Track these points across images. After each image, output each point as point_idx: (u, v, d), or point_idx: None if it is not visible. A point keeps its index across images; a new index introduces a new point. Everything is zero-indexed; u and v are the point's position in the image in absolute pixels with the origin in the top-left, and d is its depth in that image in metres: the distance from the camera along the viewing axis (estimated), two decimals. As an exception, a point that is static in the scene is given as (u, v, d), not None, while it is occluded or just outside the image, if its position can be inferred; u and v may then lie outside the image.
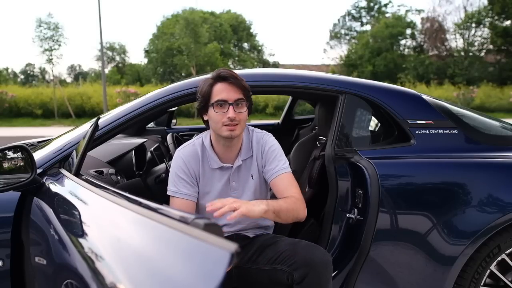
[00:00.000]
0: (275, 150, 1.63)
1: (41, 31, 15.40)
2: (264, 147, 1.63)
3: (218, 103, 1.49)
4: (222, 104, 1.49)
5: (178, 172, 1.57)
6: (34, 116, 14.97)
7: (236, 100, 1.49)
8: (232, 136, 1.51)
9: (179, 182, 1.56)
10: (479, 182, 1.74)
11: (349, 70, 27.41)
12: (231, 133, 1.50)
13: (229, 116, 1.47)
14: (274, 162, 1.61)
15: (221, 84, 1.50)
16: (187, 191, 1.56)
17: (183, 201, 1.56)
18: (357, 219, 1.68)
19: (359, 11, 34.19)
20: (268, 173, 1.61)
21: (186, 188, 1.56)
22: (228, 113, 1.48)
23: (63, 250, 1.03)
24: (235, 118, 1.48)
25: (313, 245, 1.46)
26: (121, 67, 35.82)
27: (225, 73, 1.50)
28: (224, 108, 1.49)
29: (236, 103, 1.49)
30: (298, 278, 1.40)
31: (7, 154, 1.47)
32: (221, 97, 1.48)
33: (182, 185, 1.56)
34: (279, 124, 3.85)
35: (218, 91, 1.50)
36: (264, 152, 1.63)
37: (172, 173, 1.59)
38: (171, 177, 1.59)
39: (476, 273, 1.75)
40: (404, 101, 1.91)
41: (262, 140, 1.65)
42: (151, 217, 0.70)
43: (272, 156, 1.62)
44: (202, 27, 20.70)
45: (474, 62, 25.20)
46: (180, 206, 1.54)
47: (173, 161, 1.62)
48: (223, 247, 0.50)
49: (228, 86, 1.49)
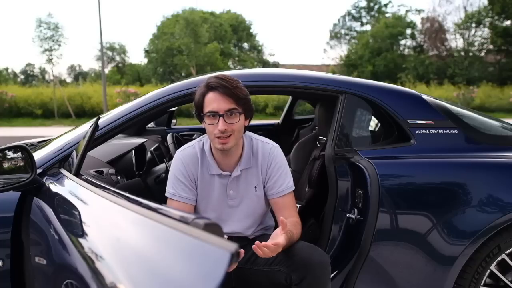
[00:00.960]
0: (282, 167, 1.59)
1: (41, 31, 15.39)
2: (272, 162, 1.58)
3: (208, 114, 1.44)
4: (213, 115, 1.43)
5: (177, 174, 1.56)
6: (34, 116, 14.96)
7: (227, 110, 1.42)
8: (224, 148, 1.47)
9: (177, 185, 1.55)
10: (479, 182, 1.74)
11: (349, 70, 27.39)
12: (222, 146, 1.46)
13: (219, 128, 1.42)
14: (280, 180, 1.57)
15: (212, 93, 1.44)
16: (185, 194, 1.55)
17: (181, 204, 1.54)
18: (357, 219, 1.68)
19: (359, 11, 34.17)
20: (272, 190, 1.58)
21: (185, 192, 1.55)
22: (218, 125, 1.42)
23: (63, 250, 1.03)
24: (225, 130, 1.42)
25: (311, 246, 1.46)
26: (121, 67, 35.80)
27: (214, 82, 1.43)
28: (215, 119, 1.43)
29: (229, 114, 1.43)
30: (296, 279, 1.39)
31: (7, 154, 1.47)
32: (211, 108, 1.43)
33: (181, 188, 1.55)
34: (279, 124, 3.85)
35: (209, 101, 1.44)
36: (271, 167, 1.58)
37: (171, 174, 1.58)
38: (170, 179, 1.58)
39: (476, 273, 1.75)
40: (404, 101, 1.91)
41: (270, 153, 1.59)
42: (151, 217, 0.70)
43: (278, 173, 1.58)
44: (202, 27, 20.69)
45: (474, 62, 25.18)
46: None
47: (173, 162, 1.61)
48: (223, 247, 0.50)
49: (218, 96, 1.42)
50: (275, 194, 1.58)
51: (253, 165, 1.59)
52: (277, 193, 1.57)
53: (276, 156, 1.60)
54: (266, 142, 1.63)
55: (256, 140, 1.62)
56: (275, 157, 1.59)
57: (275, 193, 1.58)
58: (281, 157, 1.61)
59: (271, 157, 1.59)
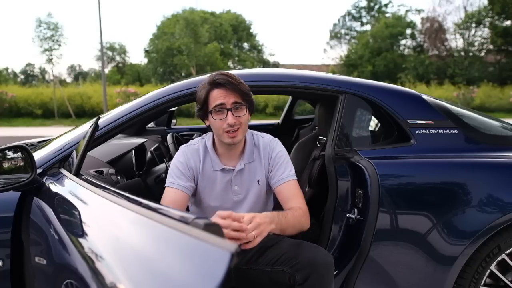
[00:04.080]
0: (282, 157, 1.62)
1: (41, 31, 15.41)
2: (272, 153, 1.62)
3: (216, 109, 1.48)
4: (220, 110, 1.48)
5: (177, 164, 1.58)
6: (34, 116, 14.97)
7: (234, 103, 1.47)
8: (234, 142, 1.51)
9: (176, 174, 1.56)
10: (479, 182, 1.74)
11: (349, 70, 27.40)
12: (232, 140, 1.50)
13: (228, 122, 1.46)
14: (281, 168, 1.60)
15: (218, 90, 1.48)
16: (183, 183, 1.55)
17: (177, 192, 1.54)
18: (357, 219, 1.68)
19: (359, 11, 34.18)
20: (274, 179, 1.60)
21: (182, 180, 1.56)
22: (227, 119, 1.46)
23: (63, 250, 1.03)
24: (235, 123, 1.47)
25: (315, 246, 1.46)
26: (121, 67, 35.82)
27: (221, 79, 1.47)
28: (223, 114, 1.48)
29: (235, 107, 1.48)
30: (300, 279, 1.39)
31: (7, 154, 1.47)
32: (218, 103, 1.47)
33: (178, 177, 1.56)
34: (279, 124, 3.85)
35: (215, 97, 1.48)
36: (272, 158, 1.62)
37: (172, 165, 1.60)
38: (170, 169, 1.60)
39: (476, 273, 1.75)
40: (404, 101, 1.91)
41: (270, 145, 1.64)
42: (151, 217, 0.70)
43: (279, 163, 1.61)
44: (202, 27, 20.71)
45: (474, 62, 25.19)
46: (173, 196, 1.52)
47: (176, 154, 1.63)
48: (223, 247, 0.50)
49: (225, 91, 1.47)
50: (278, 182, 1.59)
51: (255, 158, 1.62)
52: (279, 180, 1.59)
53: (276, 147, 1.64)
54: (266, 136, 1.68)
55: (257, 136, 1.66)
56: (275, 147, 1.64)
57: (277, 181, 1.59)
58: (281, 148, 1.65)
59: (271, 149, 1.63)
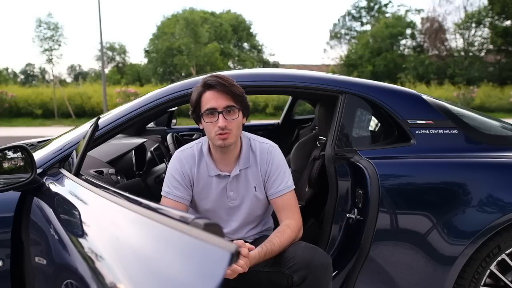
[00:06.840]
0: (280, 166, 1.59)
1: (41, 31, 15.40)
2: (270, 161, 1.58)
3: (207, 112, 1.45)
4: (212, 113, 1.45)
5: (173, 173, 1.57)
6: (34, 116, 14.96)
7: (226, 107, 1.44)
8: (225, 144, 1.48)
9: (172, 183, 1.55)
10: (479, 182, 1.74)
11: (349, 70, 27.38)
12: (223, 142, 1.47)
13: (219, 125, 1.43)
14: (278, 179, 1.57)
15: (210, 92, 1.45)
16: (179, 193, 1.55)
17: (174, 203, 1.54)
18: (357, 219, 1.68)
19: (359, 11, 34.17)
20: (271, 190, 1.58)
21: (179, 190, 1.55)
22: (218, 122, 1.44)
23: (63, 250, 1.03)
24: (225, 126, 1.44)
25: (313, 247, 1.46)
26: (121, 67, 35.80)
27: (212, 81, 1.45)
28: (214, 117, 1.45)
29: (227, 110, 1.45)
30: (298, 280, 1.39)
31: (7, 154, 1.47)
32: (210, 106, 1.45)
33: (175, 187, 1.55)
34: (279, 124, 3.85)
35: (207, 100, 1.46)
36: (269, 165, 1.58)
37: (168, 173, 1.58)
38: (166, 178, 1.59)
39: (476, 273, 1.75)
40: (404, 101, 1.91)
41: (268, 153, 1.59)
42: (151, 217, 0.70)
43: (277, 173, 1.57)
44: (202, 27, 20.71)
45: (474, 62, 25.17)
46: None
47: (170, 161, 1.62)
48: (223, 247, 0.50)
49: (216, 94, 1.44)
50: (274, 194, 1.57)
51: (252, 164, 1.58)
52: (275, 193, 1.57)
53: (274, 155, 1.59)
54: (264, 142, 1.63)
55: (254, 140, 1.62)
56: (274, 156, 1.59)
57: (273, 193, 1.57)
58: (279, 156, 1.61)
59: (270, 156, 1.59)
